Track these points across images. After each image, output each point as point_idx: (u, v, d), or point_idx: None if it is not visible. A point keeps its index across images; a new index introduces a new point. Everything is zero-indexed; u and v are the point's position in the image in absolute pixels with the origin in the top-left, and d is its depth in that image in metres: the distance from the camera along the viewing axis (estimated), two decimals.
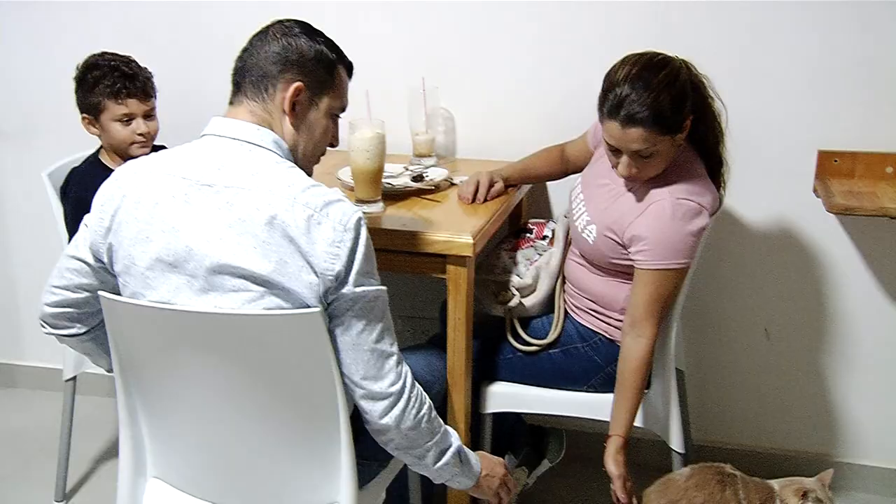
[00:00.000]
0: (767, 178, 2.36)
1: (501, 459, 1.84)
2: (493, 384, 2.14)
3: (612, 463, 1.91)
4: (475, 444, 2.15)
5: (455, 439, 1.68)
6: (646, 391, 2.07)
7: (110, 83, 2.17)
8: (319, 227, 1.45)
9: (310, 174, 1.60)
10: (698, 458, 2.44)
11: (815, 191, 2.31)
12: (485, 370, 2.13)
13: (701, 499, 1.90)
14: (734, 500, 1.91)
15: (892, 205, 2.12)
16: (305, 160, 1.62)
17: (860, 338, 2.44)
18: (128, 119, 2.20)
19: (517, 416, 2.40)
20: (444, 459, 1.65)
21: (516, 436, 2.39)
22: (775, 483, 1.93)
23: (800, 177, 2.35)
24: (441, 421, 1.65)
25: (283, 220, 1.45)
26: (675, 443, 2.07)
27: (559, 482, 2.53)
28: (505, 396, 2.13)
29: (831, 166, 2.31)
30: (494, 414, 2.15)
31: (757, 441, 2.58)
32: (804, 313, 2.46)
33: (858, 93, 2.27)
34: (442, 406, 2.00)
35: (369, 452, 1.67)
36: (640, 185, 1.94)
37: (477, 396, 2.12)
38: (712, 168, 1.99)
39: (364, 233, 1.50)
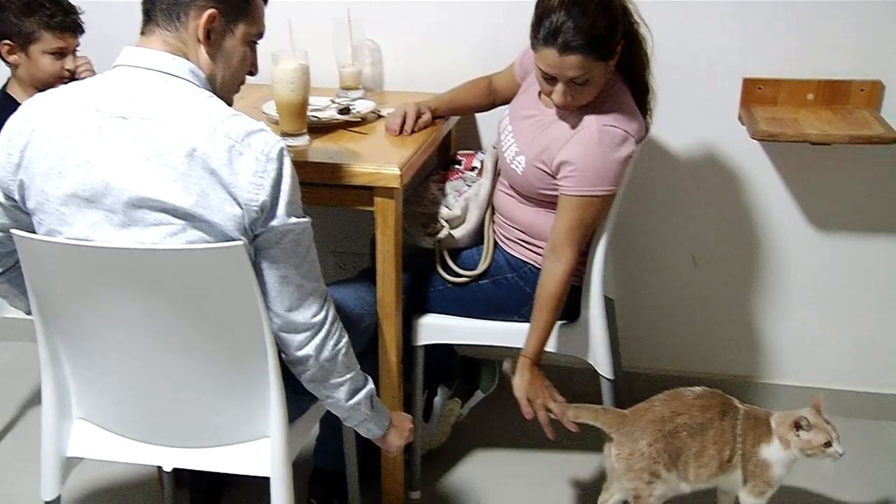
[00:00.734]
0: (693, 106, 2.38)
1: (410, 416, 1.87)
2: (423, 316, 2.14)
3: (516, 386, 1.96)
4: (407, 376, 2.16)
5: (370, 384, 1.70)
6: (576, 319, 2.10)
7: (50, 14, 2.09)
8: (241, 157, 1.42)
9: (230, 104, 1.56)
10: (629, 386, 2.51)
11: (739, 118, 2.33)
12: (415, 302, 2.13)
13: (701, 419, 1.96)
14: (730, 432, 1.96)
15: (813, 131, 2.16)
16: (224, 89, 1.58)
17: (783, 262, 2.50)
18: (60, 54, 2.12)
19: (449, 348, 2.42)
20: (356, 398, 1.66)
21: (449, 367, 2.41)
22: (773, 419, 1.98)
23: (725, 104, 2.37)
24: (353, 359, 1.65)
25: (203, 151, 1.41)
26: (605, 370, 2.10)
27: (493, 412, 2.57)
28: (436, 328, 2.14)
29: (755, 94, 2.34)
30: (426, 346, 2.16)
31: (685, 366, 2.64)
32: (730, 240, 2.51)
33: (782, 21, 2.28)
34: (373, 339, 2.00)
35: (300, 387, 1.66)
36: (567, 113, 1.94)
37: (408, 329, 2.12)
38: (639, 96, 2.00)
39: (288, 163, 1.48)
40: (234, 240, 1.44)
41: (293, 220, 1.49)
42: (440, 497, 2.28)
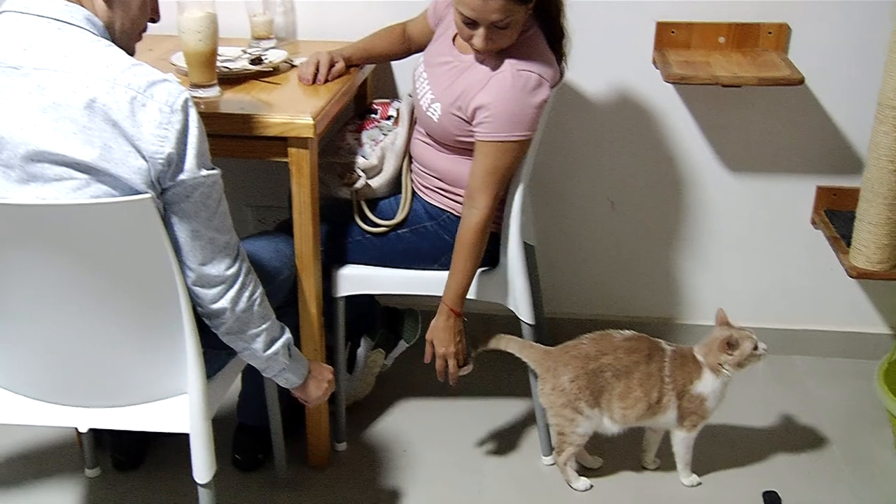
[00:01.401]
0: (608, 51, 2.39)
1: (330, 367, 1.87)
2: (343, 267, 2.13)
3: (430, 330, 2.02)
4: (329, 328, 2.15)
5: (287, 333, 1.69)
6: (495, 266, 2.11)
7: None
8: (144, 108, 1.38)
9: (131, 53, 1.51)
10: (552, 331, 2.54)
11: (653, 62, 2.35)
12: (334, 253, 2.11)
13: (626, 362, 2.00)
14: (657, 375, 2.01)
15: (724, 73, 2.19)
16: (124, 38, 1.52)
17: (698, 204, 2.54)
18: None
19: (371, 299, 2.41)
20: (273, 348, 1.65)
21: (371, 318, 2.40)
22: (699, 356, 2.03)
23: (639, 49, 2.38)
24: (269, 309, 1.64)
25: (103, 103, 1.37)
26: (525, 315, 2.12)
27: (417, 362, 2.56)
28: (356, 279, 2.13)
29: (669, 37, 2.36)
30: (347, 297, 2.15)
31: (607, 310, 2.68)
32: (647, 183, 2.54)
33: None
34: (292, 292, 1.98)
35: (217, 341, 1.64)
36: (482, 59, 1.93)
37: (328, 280, 2.11)
38: (553, 40, 1.99)
39: (194, 114, 1.44)
40: (141, 194, 1.40)
41: (203, 172, 1.46)
42: (366, 448, 2.29)
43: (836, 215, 2.44)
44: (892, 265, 2.20)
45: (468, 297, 2.02)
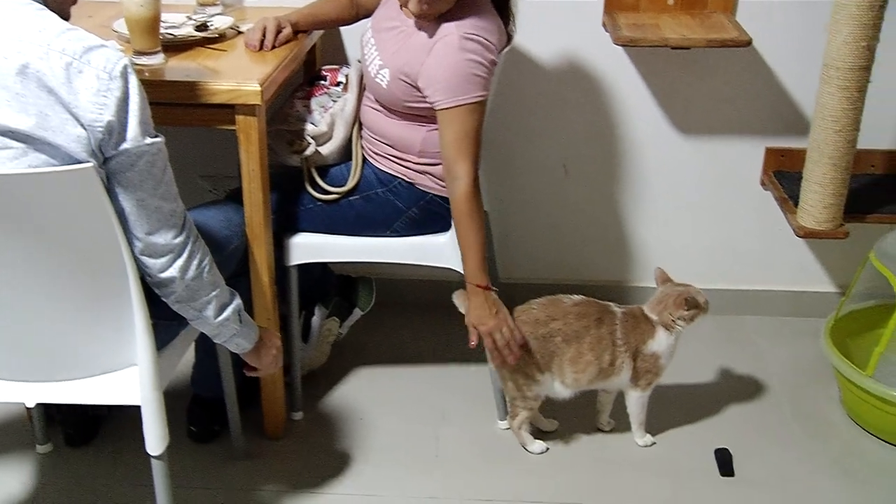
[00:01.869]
0: (558, 14, 2.38)
1: (278, 334, 1.86)
2: (295, 235, 2.11)
3: (466, 315, 1.98)
4: (283, 298, 2.14)
5: (237, 299, 1.68)
6: (447, 231, 2.10)
7: None
8: (81, 75, 1.35)
9: (66, 18, 1.47)
10: (507, 297, 2.54)
11: (603, 25, 2.35)
12: (286, 222, 2.09)
13: (576, 327, 2.01)
14: (608, 338, 2.03)
15: (673, 35, 2.20)
16: (57, 2, 1.48)
17: (650, 167, 2.56)
18: None
19: (324, 267, 2.40)
20: (224, 314, 1.64)
21: (325, 286, 2.39)
22: (652, 314, 2.05)
23: (589, 12, 2.37)
24: (218, 275, 1.63)
25: (37, 69, 1.33)
26: None
27: (372, 330, 2.58)
28: (308, 247, 2.11)
29: (618, 0, 2.35)
30: (300, 266, 2.14)
31: (560, 275, 2.69)
32: (599, 147, 2.55)
33: None
34: (244, 261, 1.97)
35: (167, 312, 1.62)
36: (428, 23, 1.91)
37: (280, 249, 2.09)
38: (499, 3, 1.98)
39: (134, 81, 1.41)
40: (82, 163, 1.37)
41: (147, 140, 1.43)
42: (323, 417, 2.28)
43: (785, 176, 2.48)
44: (837, 224, 2.24)
45: (419, 263, 2.02)
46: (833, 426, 2.27)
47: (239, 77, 1.86)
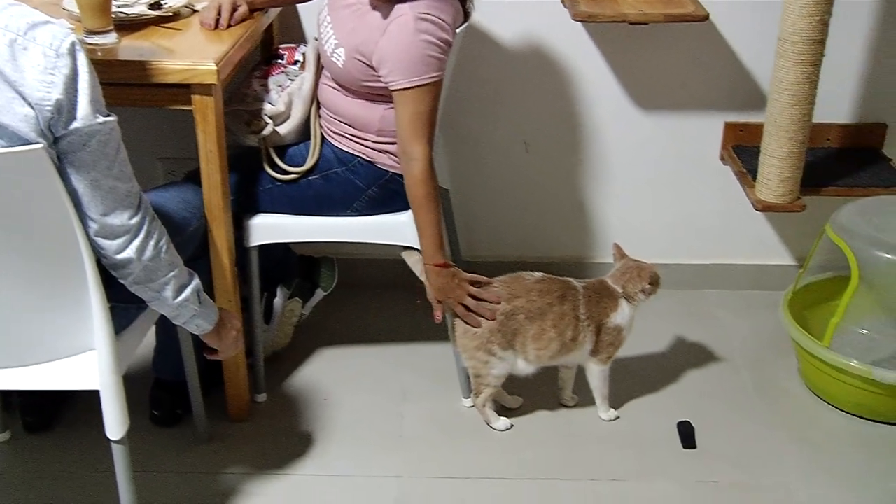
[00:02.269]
0: None
1: (239, 315, 1.85)
2: (254, 216, 2.09)
3: (427, 292, 2.00)
4: (244, 279, 2.12)
5: (196, 279, 1.66)
6: (408, 210, 2.10)
7: None
8: (26, 53, 1.32)
9: None
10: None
11: (562, 1, 2.34)
12: (245, 203, 2.08)
13: (539, 304, 2.02)
14: (571, 314, 2.04)
15: (631, 10, 2.20)
16: None
17: (610, 143, 2.57)
18: None
19: (285, 248, 2.38)
20: (183, 295, 1.62)
21: (286, 267, 2.38)
22: (616, 286, 2.06)
23: None
24: (176, 256, 1.61)
25: None
26: None
27: (335, 310, 2.57)
28: (268, 228, 2.10)
29: None
30: (261, 247, 2.12)
31: (522, 252, 2.70)
32: (559, 124, 2.55)
33: None
34: (203, 243, 1.95)
35: (125, 295, 1.61)
36: (383, 3, 1.90)
37: (239, 230, 2.07)
38: None
39: (83, 58, 1.38)
40: (31, 143, 1.35)
41: (99, 119, 1.41)
42: (287, 398, 2.28)
43: (744, 150, 2.50)
44: (794, 197, 2.27)
45: (380, 242, 2.02)
46: (792, 396, 2.30)
47: (194, 56, 1.83)
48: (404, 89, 1.88)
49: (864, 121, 2.51)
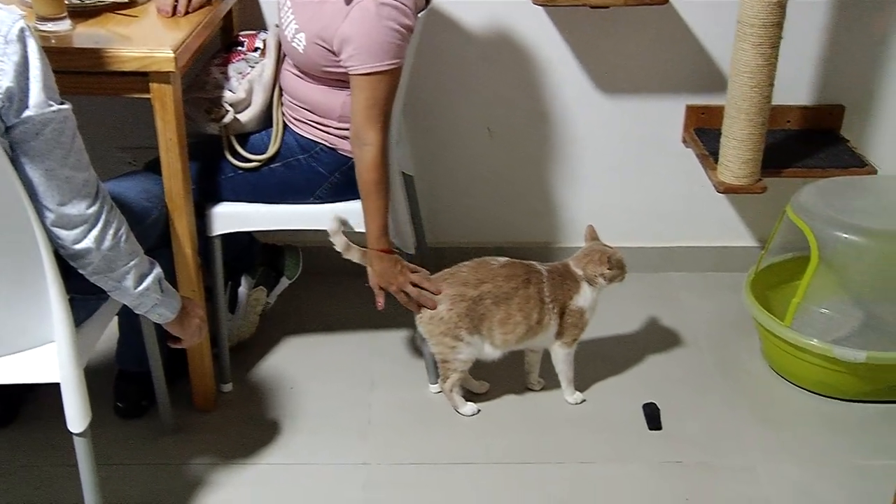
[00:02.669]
0: None
1: (202, 304, 1.84)
2: (217, 205, 2.07)
3: (370, 278, 2.00)
4: (207, 269, 2.11)
5: (157, 268, 1.65)
6: None
7: None
8: None
9: None
10: (436, 261, 2.55)
11: None
12: (207, 191, 2.06)
13: (506, 288, 2.02)
14: (536, 297, 2.04)
15: None
16: None
17: (573, 127, 2.57)
18: None
19: (249, 236, 2.37)
20: (144, 284, 1.61)
21: (250, 256, 2.37)
22: (577, 269, 2.07)
23: None
24: (136, 244, 1.59)
25: None
26: (405, 245, 2.13)
27: (301, 298, 2.56)
28: (231, 217, 2.08)
29: None
30: (224, 236, 2.10)
31: (488, 237, 2.70)
32: (522, 109, 2.55)
33: None
34: (165, 233, 1.93)
35: (85, 286, 1.59)
36: None
37: (202, 219, 2.05)
38: None
39: (34, 44, 1.36)
40: None
41: (52, 107, 1.39)
42: (253, 387, 2.26)
43: (705, 133, 2.51)
44: (755, 179, 2.29)
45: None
46: (755, 376, 2.33)
47: (151, 44, 1.81)
48: (363, 74, 1.87)
49: (823, 103, 2.54)
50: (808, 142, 2.50)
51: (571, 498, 1.95)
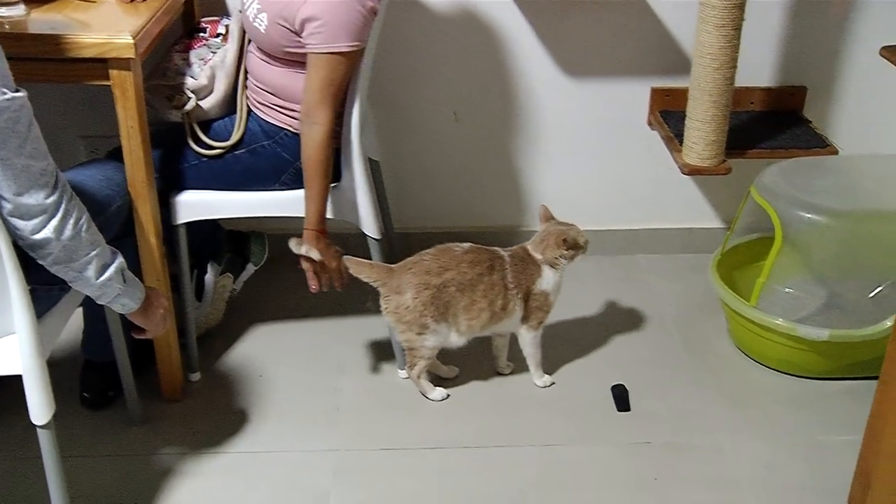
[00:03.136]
0: None
1: (166, 293, 1.84)
2: (181, 193, 2.05)
3: (302, 259, 1.99)
4: (173, 257, 2.09)
5: (119, 257, 1.63)
6: (338, 182, 2.08)
7: None
8: None
9: None
10: (404, 246, 2.55)
11: None
12: (171, 179, 2.04)
13: (470, 275, 2.02)
14: (500, 283, 2.04)
15: None
16: None
17: (539, 111, 2.57)
18: None
19: (214, 223, 2.35)
20: (106, 274, 1.59)
21: (216, 243, 2.35)
22: (536, 254, 2.08)
23: None
24: (97, 234, 1.57)
25: None
26: (371, 230, 2.12)
27: (267, 285, 2.54)
28: (195, 205, 2.06)
29: None
30: (189, 224, 2.08)
31: (456, 221, 2.70)
32: (488, 93, 2.55)
33: None
34: (129, 221, 1.91)
35: (46, 277, 1.57)
36: None
37: (166, 208, 2.03)
38: None
39: None
40: None
41: (6, 95, 1.36)
42: (221, 376, 2.25)
43: (670, 115, 2.52)
44: (720, 160, 2.31)
45: None
46: (721, 356, 2.35)
47: (110, 30, 1.78)
48: (320, 54, 1.86)
49: (785, 84, 2.56)
50: (771, 123, 2.52)
51: (541, 480, 1.96)
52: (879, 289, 2.21)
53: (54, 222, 1.47)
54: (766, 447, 2.05)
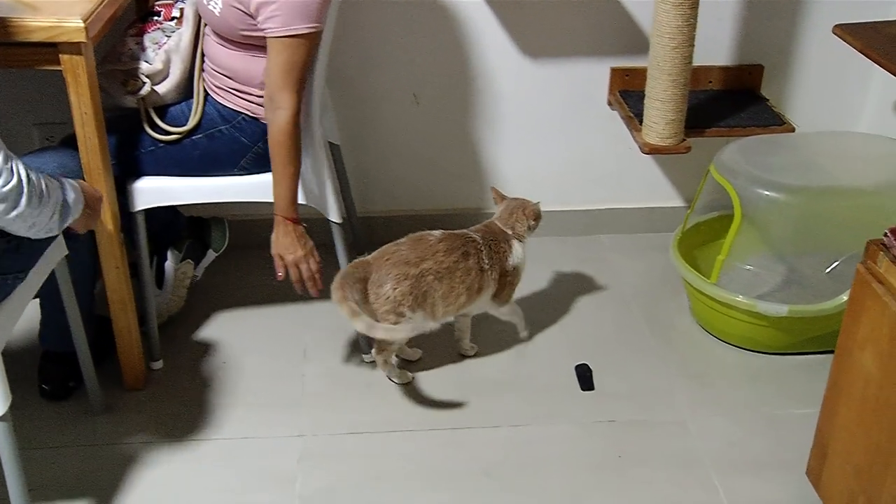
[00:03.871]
0: None
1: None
2: (138, 180, 2.03)
3: (272, 245, 1.97)
4: (131, 244, 2.06)
5: (64, 192, 1.59)
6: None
7: None
8: None
9: None
10: (367, 231, 2.54)
11: None
12: (127, 166, 2.01)
13: (447, 264, 2.02)
14: (476, 267, 2.04)
15: None
16: None
17: (499, 92, 2.57)
18: None
19: (174, 209, 2.32)
20: (67, 219, 1.59)
21: (176, 229, 2.32)
22: (507, 228, 2.12)
23: None
24: (52, 184, 1.54)
25: None
26: (333, 214, 2.11)
27: (229, 271, 2.52)
28: (153, 191, 2.04)
29: None
30: (147, 211, 2.06)
31: (418, 205, 2.69)
32: (448, 75, 2.54)
33: None
34: None
35: (2, 265, 1.54)
36: None
37: (123, 195, 2.01)
38: None
39: None
40: None
41: None
42: (184, 363, 2.23)
43: (630, 95, 2.53)
44: (679, 139, 2.32)
45: (270, 200, 1.98)
46: (683, 333, 2.38)
47: (60, 13, 1.74)
48: (280, 37, 1.84)
49: (742, 63, 2.58)
50: (729, 101, 2.54)
51: (506, 461, 1.97)
52: (836, 264, 2.24)
53: (20, 209, 1.45)
54: (728, 422, 2.08)
